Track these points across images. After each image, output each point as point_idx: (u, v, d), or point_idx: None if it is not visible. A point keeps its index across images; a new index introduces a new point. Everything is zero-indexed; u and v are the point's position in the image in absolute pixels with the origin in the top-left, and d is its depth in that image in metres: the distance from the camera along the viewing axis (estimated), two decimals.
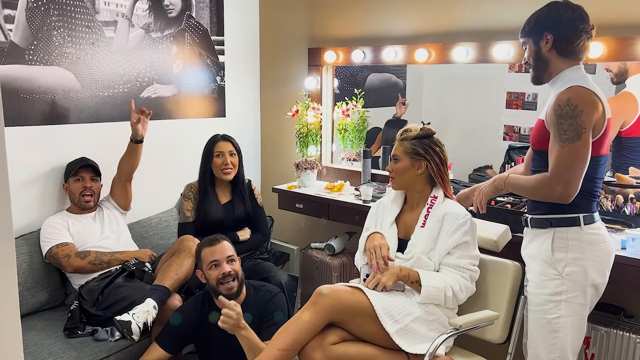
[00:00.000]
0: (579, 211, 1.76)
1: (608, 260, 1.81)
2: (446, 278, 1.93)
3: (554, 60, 1.79)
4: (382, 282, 1.91)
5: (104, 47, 2.78)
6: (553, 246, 1.78)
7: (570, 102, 1.68)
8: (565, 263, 1.76)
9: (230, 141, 2.77)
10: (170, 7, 3.05)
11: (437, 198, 2.02)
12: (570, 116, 1.67)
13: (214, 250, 2.15)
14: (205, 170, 2.76)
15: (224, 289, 2.10)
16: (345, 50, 3.11)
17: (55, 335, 2.29)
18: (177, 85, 3.14)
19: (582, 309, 1.79)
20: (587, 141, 1.67)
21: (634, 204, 2.19)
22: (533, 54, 1.83)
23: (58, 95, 2.64)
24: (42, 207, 2.65)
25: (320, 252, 3.09)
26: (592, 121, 1.67)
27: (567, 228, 1.77)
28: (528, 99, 2.91)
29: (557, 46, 1.77)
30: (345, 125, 3.15)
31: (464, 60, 2.67)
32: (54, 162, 2.66)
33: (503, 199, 2.48)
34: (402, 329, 1.86)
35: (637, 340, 2.16)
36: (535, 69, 1.85)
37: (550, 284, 1.79)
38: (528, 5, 2.46)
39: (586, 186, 1.73)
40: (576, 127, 1.66)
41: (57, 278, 2.56)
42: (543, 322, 1.80)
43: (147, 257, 2.59)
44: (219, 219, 2.71)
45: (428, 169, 2.01)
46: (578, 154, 1.67)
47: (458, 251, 1.95)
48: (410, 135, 2.04)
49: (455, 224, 1.95)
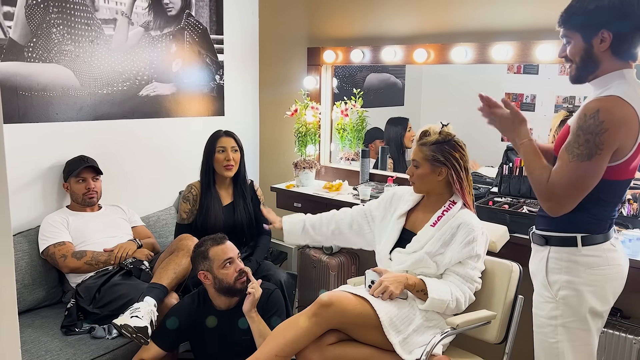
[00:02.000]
0: (577, 231, 1.58)
1: (613, 286, 1.61)
2: (452, 289, 1.92)
3: (606, 62, 1.51)
4: (389, 291, 1.87)
5: (103, 45, 2.78)
6: (548, 267, 1.63)
7: (598, 115, 1.44)
8: (559, 286, 1.61)
9: (233, 137, 2.73)
10: (169, 6, 3.05)
11: (455, 204, 1.99)
12: (590, 131, 1.45)
13: (226, 249, 2.13)
14: (207, 167, 2.71)
15: (240, 283, 2.11)
16: (344, 50, 3.12)
17: (53, 333, 2.29)
18: (176, 84, 3.14)
19: (584, 334, 1.62)
20: (598, 164, 1.46)
21: (631, 205, 2.19)
22: (581, 52, 1.52)
23: (57, 93, 2.64)
24: (41, 204, 2.65)
25: (318, 252, 3.09)
26: (614, 143, 1.45)
27: (562, 248, 1.60)
28: (526, 100, 2.91)
29: (615, 46, 1.49)
30: (344, 125, 3.16)
31: (463, 60, 2.67)
32: (53, 159, 2.66)
33: (501, 199, 2.49)
34: (404, 339, 1.85)
35: (633, 341, 2.17)
36: (580, 69, 1.55)
37: (545, 307, 1.65)
38: (528, 6, 2.48)
39: (587, 207, 1.55)
40: (591, 146, 1.45)
41: (55, 275, 2.56)
42: (545, 345, 1.68)
43: (145, 256, 2.59)
44: (220, 220, 2.70)
45: (449, 176, 1.97)
46: (580, 176, 1.48)
47: (471, 262, 1.94)
48: (430, 141, 1.97)
49: (471, 236, 1.92)
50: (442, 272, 1.98)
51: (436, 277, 1.99)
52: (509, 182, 2.51)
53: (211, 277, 2.12)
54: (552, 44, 2.36)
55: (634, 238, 2.03)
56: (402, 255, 2.02)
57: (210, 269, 2.11)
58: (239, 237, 2.76)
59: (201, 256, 2.14)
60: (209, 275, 2.12)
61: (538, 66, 2.77)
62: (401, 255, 2.03)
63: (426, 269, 1.98)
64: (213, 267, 2.10)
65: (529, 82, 2.89)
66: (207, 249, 2.13)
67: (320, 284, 3.05)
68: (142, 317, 2.08)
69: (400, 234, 2.08)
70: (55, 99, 2.64)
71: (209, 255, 2.12)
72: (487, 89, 3.00)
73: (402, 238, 2.07)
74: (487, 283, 2.04)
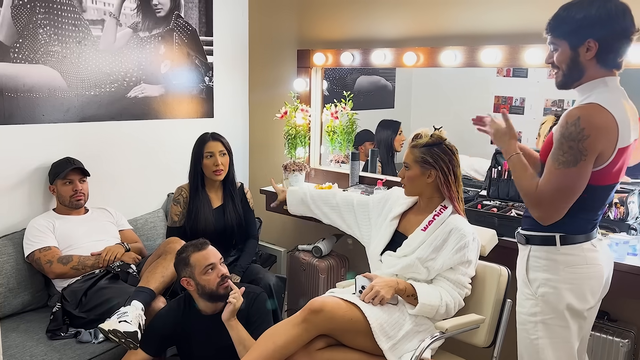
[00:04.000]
0: (555, 230, 1.63)
1: (590, 285, 1.65)
2: (442, 294, 1.93)
3: (591, 70, 1.56)
4: (380, 296, 1.87)
5: (91, 45, 2.76)
6: (528, 265, 1.70)
7: (579, 122, 1.49)
8: (538, 283, 1.67)
9: (220, 140, 2.70)
10: (158, 7, 3.03)
11: (446, 208, 2.00)
12: (573, 138, 1.50)
13: (207, 254, 2.11)
14: (195, 172, 2.69)
15: (222, 288, 2.09)
16: (334, 53, 3.11)
17: (38, 337, 2.26)
18: (164, 85, 3.12)
19: (563, 331, 1.67)
20: (583, 169, 1.51)
21: (618, 208, 2.21)
22: (567, 59, 1.57)
23: (43, 94, 2.61)
24: (27, 206, 2.61)
25: (307, 254, 3.08)
26: (597, 148, 1.50)
27: (542, 247, 1.66)
28: (516, 103, 2.93)
29: (600, 55, 1.53)
30: (334, 128, 3.15)
31: (452, 64, 2.68)
32: (40, 161, 2.63)
33: (489, 202, 2.49)
34: (394, 345, 1.85)
35: (620, 344, 2.18)
36: (566, 76, 1.60)
37: (526, 304, 1.71)
38: (516, 10, 2.49)
39: (577, 215, 1.60)
40: (576, 153, 1.50)
41: (40, 279, 2.53)
42: (527, 342, 1.74)
43: (132, 260, 2.56)
44: (210, 223, 2.68)
45: (438, 179, 1.98)
46: (567, 182, 1.53)
47: (462, 268, 1.94)
48: (421, 143, 2.00)
49: (463, 242, 1.92)
50: (433, 277, 1.98)
51: (426, 282, 1.99)
52: (497, 185, 2.52)
53: (194, 283, 2.09)
54: (540, 48, 2.37)
55: (621, 242, 2.04)
56: (392, 259, 2.03)
57: (192, 275, 2.09)
58: (228, 240, 2.75)
59: (183, 263, 2.12)
60: (191, 282, 2.10)
61: (527, 70, 2.79)
62: (391, 258, 2.03)
63: (416, 274, 1.98)
64: (195, 273, 2.08)
65: (518, 86, 2.90)
66: (189, 255, 2.11)
67: (310, 288, 3.04)
68: (131, 322, 2.06)
69: (392, 236, 2.09)
70: (42, 100, 2.61)
71: (190, 261, 2.09)
72: (477, 92, 3.05)
73: (393, 240, 2.08)
74: (475, 287, 2.04)
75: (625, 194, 2.19)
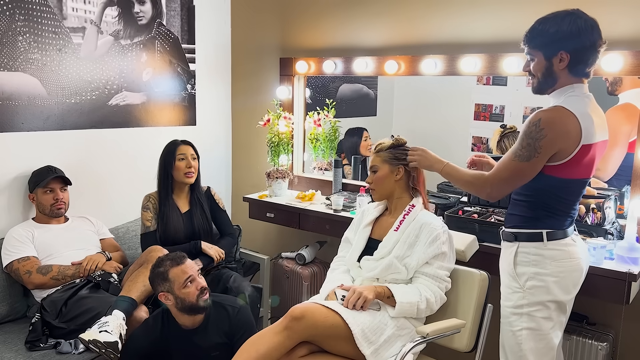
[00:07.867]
0: (542, 227, 1.76)
1: (573, 277, 1.78)
2: (421, 290, 1.95)
3: (564, 78, 1.72)
4: (363, 296, 1.89)
5: (72, 53, 2.74)
6: (516, 260, 1.80)
7: (539, 123, 1.66)
8: (526, 277, 1.78)
9: (191, 145, 2.74)
10: (140, 15, 3.03)
11: (415, 207, 2.07)
12: (532, 137, 1.66)
13: (185, 268, 2.09)
14: (166, 177, 2.69)
15: (202, 300, 2.08)
16: (316, 61, 3.13)
17: (17, 349, 2.22)
18: (146, 93, 3.11)
19: (545, 322, 1.78)
20: (533, 166, 1.69)
21: (595, 214, 2.25)
22: (543, 69, 1.73)
23: (22, 102, 2.58)
24: (6, 215, 2.58)
25: (291, 262, 3.08)
26: (552, 148, 1.66)
27: (530, 243, 1.78)
28: (495, 111, 2.97)
29: (572, 65, 1.69)
30: (317, 135, 3.17)
31: (433, 72, 2.71)
32: (19, 169, 2.60)
33: (470, 208, 2.52)
34: (376, 350, 1.86)
35: (599, 347, 2.21)
36: (542, 83, 1.76)
37: (513, 297, 1.81)
38: (495, 19, 2.54)
39: (550, 204, 1.75)
40: (531, 150, 1.67)
41: (19, 289, 2.49)
42: (509, 335, 1.82)
43: (113, 269, 2.53)
44: (180, 229, 2.67)
45: (405, 176, 2.08)
46: (518, 174, 1.72)
47: (437, 262, 1.98)
48: (385, 146, 2.12)
49: (433, 235, 1.98)
50: (412, 275, 2.01)
51: (406, 282, 2.02)
52: None
53: (172, 297, 2.07)
54: (518, 57, 2.41)
55: (598, 246, 2.08)
56: (370, 263, 2.05)
57: (170, 289, 2.07)
58: None
59: (160, 277, 2.09)
60: (169, 296, 2.07)
61: (506, 78, 2.83)
62: (370, 262, 2.06)
63: (396, 275, 2.00)
64: (174, 287, 2.06)
65: (498, 94, 2.95)
66: (167, 270, 2.08)
67: (293, 295, 3.04)
68: (112, 332, 2.04)
69: (366, 242, 2.13)
70: (21, 108, 2.58)
71: (169, 276, 2.07)
72: (458, 100, 3.09)
73: (368, 247, 2.12)
74: (456, 291, 2.06)
75: (602, 199, 2.24)
